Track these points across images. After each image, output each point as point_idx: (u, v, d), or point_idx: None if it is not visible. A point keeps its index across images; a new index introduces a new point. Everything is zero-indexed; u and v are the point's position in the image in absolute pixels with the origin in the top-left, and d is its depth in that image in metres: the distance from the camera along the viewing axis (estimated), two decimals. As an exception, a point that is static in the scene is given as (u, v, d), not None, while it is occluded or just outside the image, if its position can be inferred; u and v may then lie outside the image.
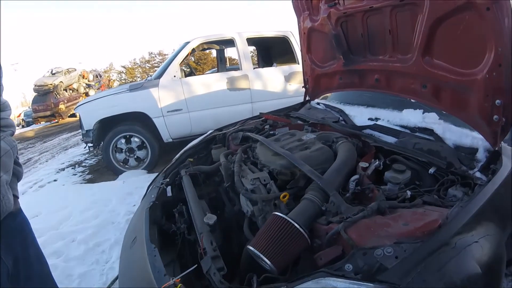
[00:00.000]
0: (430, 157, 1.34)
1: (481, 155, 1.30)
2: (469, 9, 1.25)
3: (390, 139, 1.57)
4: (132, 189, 3.52)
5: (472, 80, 1.31)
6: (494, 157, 1.26)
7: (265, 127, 2.11)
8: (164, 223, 1.58)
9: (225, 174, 1.57)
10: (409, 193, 1.17)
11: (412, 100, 1.75)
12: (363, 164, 1.32)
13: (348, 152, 1.38)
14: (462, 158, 1.32)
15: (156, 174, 3.86)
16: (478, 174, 1.22)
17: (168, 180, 1.79)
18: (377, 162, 1.34)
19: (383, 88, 1.86)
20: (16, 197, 1.11)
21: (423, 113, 1.63)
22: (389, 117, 1.75)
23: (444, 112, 1.57)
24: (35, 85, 14.81)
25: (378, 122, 1.75)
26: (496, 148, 1.26)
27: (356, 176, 1.23)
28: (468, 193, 1.13)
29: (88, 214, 2.98)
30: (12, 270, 1.07)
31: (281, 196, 1.19)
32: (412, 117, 1.66)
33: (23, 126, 17.91)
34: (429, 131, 1.53)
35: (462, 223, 0.92)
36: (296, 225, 0.99)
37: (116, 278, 1.98)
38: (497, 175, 1.14)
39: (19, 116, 19.41)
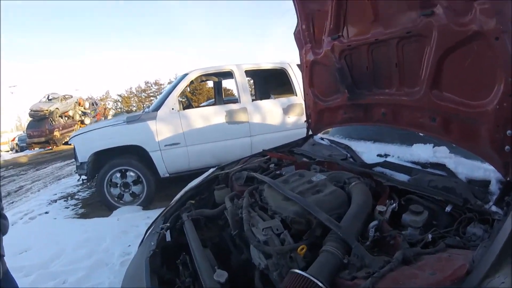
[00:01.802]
0: (447, 194, 1.28)
1: (494, 187, 1.26)
2: (478, 39, 1.24)
3: (403, 177, 1.50)
4: (127, 227, 3.41)
5: (483, 112, 1.28)
6: (508, 188, 1.21)
7: (270, 166, 2.03)
8: (165, 273, 1.46)
9: (232, 220, 1.46)
10: (430, 236, 1.10)
11: (420, 134, 1.71)
12: (380, 208, 1.24)
13: (363, 195, 1.29)
14: (476, 192, 1.26)
15: (152, 211, 3.77)
16: (493, 208, 1.16)
17: (168, 224, 1.68)
18: (394, 205, 1.27)
19: (390, 122, 1.82)
20: (1, 256, 0.99)
21: (433, 147, 1.58)
22: (399, 153, 1.69)
23: (454, 145, 1.53)
24: (31, 110, 14.93)
25: (388, 159, 1.68)
26: (508, 179, 1.22)
27: (375, 222, 1.15)
28: (488, 230, 1.08)
29: (80, 253, 2.84)
30: None
31: (299, 249, 1.09)
32: (423, 152, 1.60)
33: (16, 151, 17.85)
34: (441, 166, 1.48)
35: (489, 266, 0.85)
36: (319, 283, 0.89)
37: None
38: None
39: (13, 140, 19.37)
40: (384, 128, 1.92)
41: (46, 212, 4.59)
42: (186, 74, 4.49)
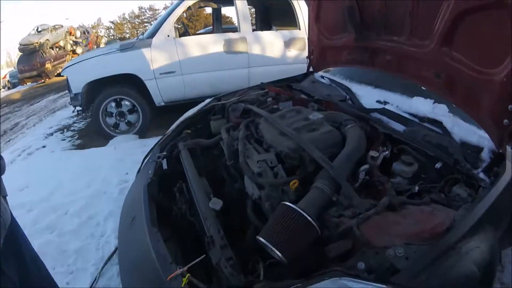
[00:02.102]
0: (439, 151, 1.31)
1: (485, 155, 1.28)
2: (499, 7, 1.17)
3: (399, 127, 1.53)
4: (124, 155, 3.44)
5: (489, 80, 1.25)
6: (498, 159, 1.24)
7: (268, 99, 2.02)
8: (162, 200, 1.54)
9: (228, 151, 1.50)
10: (417, 188, 1.16)
11: (422, 88, 1.68)
12: (373, 153, 1.28)
13: (358, 138, 1.33)
14: (467, 155, 1.29)
15: (148, 139, 3.82)
16: (481, 175, 1.21)
17: (165, 153, 1.72)
18: (386, 152, 1.31)
19: (394, 70, 1.78)
20: (4, 197, 1.00)
21: (433, 103, 1.57)
22: (398, 102, 1.68)
23: (453, 106, 1.52)
24: (20, 44, 14.17)
25: (387, 106, 1.69)
26: (501, 151, 1.24)
27: (366, 166, 1.21)
28: (472, 194, 1.13)
29: (79, 184, 2.90)
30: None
31: (291, 183, 1.15)
32: (422, 106, 1.59)
33: (8, 88, 17.20)
34: (438, 123, 1.49)
35: (467, 228, 0.93)
36: (307, 216, 0.97)
37: (113, 253, 1.96)
38: (501, 180, 1.12)
39: (4, 77, 18.54)
40: (387, 75, 1.88)
41: (43, 146, 4.53)
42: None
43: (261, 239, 0.97)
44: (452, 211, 1.01)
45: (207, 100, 2.25)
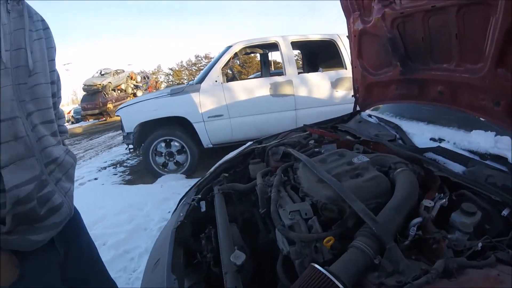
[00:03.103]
0: (505, 195, 1.06)
1: None
2: None
3: (458, 168, 1.29)
4: (169, 194, 3.53)
5: None
6: None
7: (310, 142, 1.89)
8: (192, 244, 1.45)
9: (261, 198, 1.37)
10: (480, 245, 0.91)
11: (481, 119, 1.46)
12: (427, 202, 1.06)
13: (409, 185, 1.12)
14: None
15: (195, 179, 3.85)
16: None
17: (199, 196, 1.67)
18: (444, 200, 1.08)
19: (447, 102, 1.58)
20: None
21: (495, 136, 1.33)
22: (455, 139, 1.45)
23: None
24: (85, 85, 16.06)
25: (442, 144, 1.46)
26: None
27: (418, 220, 0.99)
28: None
29: (122, 218, 3.00)
30: (63, 257, 1.08)
31: (325, 240, 0.98)
32: (483, 140, 1.35)
33: (72, 123, 19.34)
34: (503, 160, 1.23)
35: None
36: (339, 284, 0.78)
37: None
38: None
39: (69, 113, 20.98)
40: (440, 108, 1.67)
41: (95, 179, 4.90)
42: (230, 47, 4.41)
43: (282, 305, 0.81)
44: None
45: (248, 143, 2.20)
